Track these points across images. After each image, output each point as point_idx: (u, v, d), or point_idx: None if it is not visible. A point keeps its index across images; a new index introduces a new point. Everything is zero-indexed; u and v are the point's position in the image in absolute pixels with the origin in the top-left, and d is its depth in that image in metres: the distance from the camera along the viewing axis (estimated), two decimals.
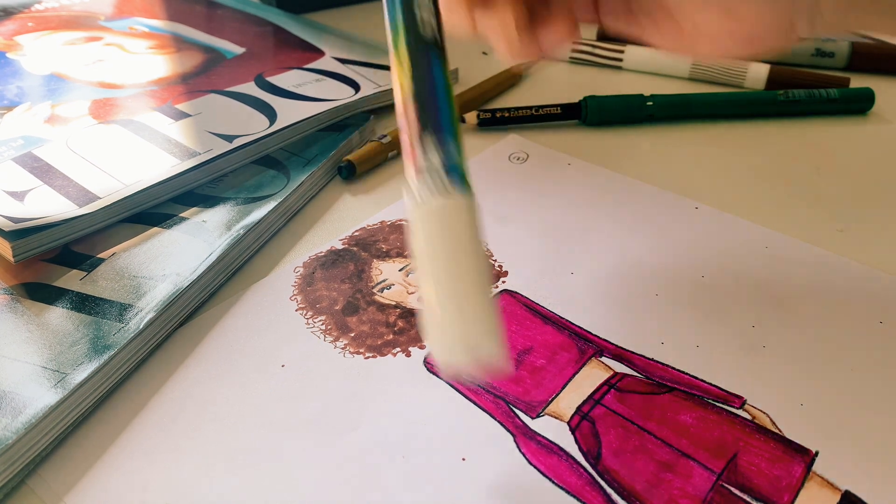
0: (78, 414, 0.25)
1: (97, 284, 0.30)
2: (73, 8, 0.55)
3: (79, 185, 0.33)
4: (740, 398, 0.26)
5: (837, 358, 0.28)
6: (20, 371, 0.26)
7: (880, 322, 0.29)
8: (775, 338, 0.29)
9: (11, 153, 0.35)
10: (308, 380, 0.27)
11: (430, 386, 0.27)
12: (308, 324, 0.30)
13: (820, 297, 0.31)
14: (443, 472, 0.24)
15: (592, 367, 0.28)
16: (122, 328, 0.27)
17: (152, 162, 0.35)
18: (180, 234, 0.33)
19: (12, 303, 0.29)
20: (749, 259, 0.33)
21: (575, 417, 0.26)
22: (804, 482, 0.23)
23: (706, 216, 0.36)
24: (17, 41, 0.49)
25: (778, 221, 0.35)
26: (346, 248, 0.34)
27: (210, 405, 0.26)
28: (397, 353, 0.28)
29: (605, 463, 0.24)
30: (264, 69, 0.45)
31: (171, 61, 0.47)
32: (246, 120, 0.39)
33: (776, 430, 0.25)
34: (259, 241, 0.34)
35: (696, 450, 0.24)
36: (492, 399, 0.26)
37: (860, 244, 0.34)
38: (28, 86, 0.43)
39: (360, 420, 0.26)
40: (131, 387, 0.27)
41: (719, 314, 0.30)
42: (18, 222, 0.30)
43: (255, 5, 0.57)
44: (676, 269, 0.32)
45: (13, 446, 0.23)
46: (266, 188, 0.36)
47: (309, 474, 0.24)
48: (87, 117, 0.39)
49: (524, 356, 0.28)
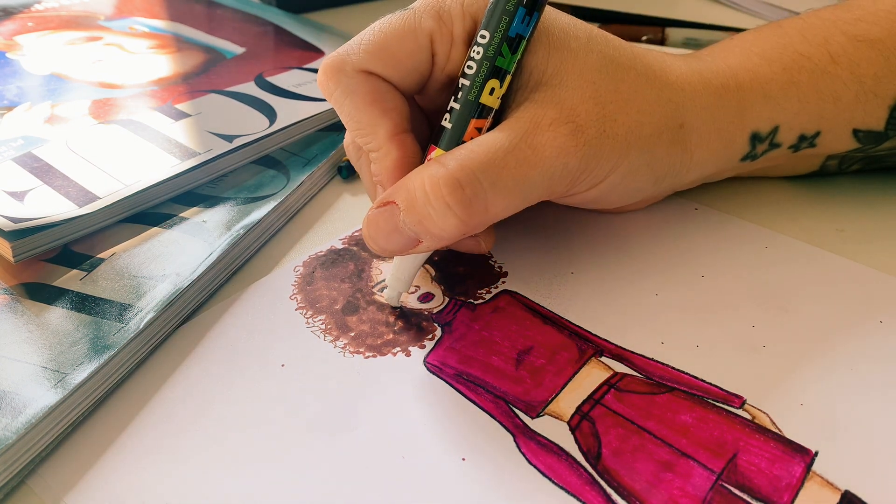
0: (78, 414, 0.25)
1: (97, 284, 0.30)
2: (73, 8, 0.55)
3: (79, 185, 0.33)
4: (740, 398, 0.26)
5: (837, 358, 0.28)
6: (20, 371, 0.26)
7: (880, 322, 0.29)
8: (775, 338, 0.29)
9: (11, 153, 0.35)
10: (308, 379, 0.27)
11: (430, 386, 0.27)
12: (308, 323, 0.30)
13: (820, 297, 0.31)
14: (443, 472, 0.24)
15: (592, 366, 0.28)
16: (122, 328, 0.27)
17: (152, 162, 0.35)
18: (180, 234, 0.33)
19: (12, 303, 0.29)
20: (749, 259, 0.33)
21: (575, 417, 0.26)
22: (804, 482, 0.23)
23: (706, 216, 0.36)
24: (17, 41, 0.49)
25: (778, 221, 0.35)
26: (346, 248, 0.34)
27: (210, 405, 0.26)
28: (397, 352, 0.28)
29: (604, 463, 0.24)
30: (264, 69, 0.45)
31: (171, 61, 0.47)
32: (246, 120, 0.39)
33: (776, 429, 0.25)
34: (259, 241, 0.34)
35: (696, 449, 0.24)
36: (492, 399, 0.26)
37: (860, 244, 0.34)
38: (28, 86, 0.43)
39: (360, 420, 0.26)
40: (131, 387, 0.27)
41: (719, 314, 0.30)
42: (18, 222, 0.30)
43: (255, 5, 0.57)
44: (676, 269, 0.32)
45: (13, 446, 0.23)
46: (266, 188, 0.36)
47: (309, 474, 0.24)
48: (87, 117, 0.39)
49: (524, 356, 0.28)
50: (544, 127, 0.27)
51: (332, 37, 0.52)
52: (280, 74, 0.45)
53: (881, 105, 0.33)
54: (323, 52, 0.49)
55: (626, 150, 0.29)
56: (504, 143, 0.26)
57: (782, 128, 0.33)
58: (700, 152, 0.32)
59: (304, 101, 0.42)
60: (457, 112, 0.27)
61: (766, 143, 0.33)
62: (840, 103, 0.33)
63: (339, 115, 0.29)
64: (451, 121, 0.27)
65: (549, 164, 0.27)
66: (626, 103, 0.28)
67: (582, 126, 0.27)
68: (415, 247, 0.27)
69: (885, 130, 0.33)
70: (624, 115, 0.28)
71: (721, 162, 0.33)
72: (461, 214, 0.26)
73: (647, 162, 0.30)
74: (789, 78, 0.32)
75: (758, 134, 0.32)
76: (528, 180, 0.26)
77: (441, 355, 0.28)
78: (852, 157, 0.36)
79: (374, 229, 0.27)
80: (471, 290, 0.31)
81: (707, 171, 0.33)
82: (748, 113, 0.32)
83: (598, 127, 0.28)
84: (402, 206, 0.26)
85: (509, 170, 0.26)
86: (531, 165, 0.26)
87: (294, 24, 0.54)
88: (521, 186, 0.26)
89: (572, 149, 0.27)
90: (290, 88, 0.43)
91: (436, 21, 0.28)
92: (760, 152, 0.33)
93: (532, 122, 0.27)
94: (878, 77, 0.32)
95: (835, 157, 0.36)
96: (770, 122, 0.32)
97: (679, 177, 0.32)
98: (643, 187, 0.31)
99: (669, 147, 0.30)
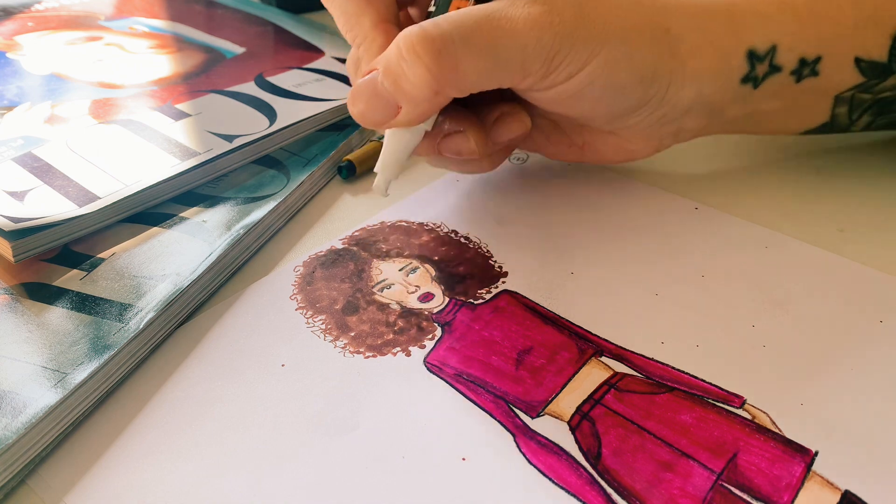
0: (78, 414, 0.25)
1: (97, 284, 0.30)
2: (73, 8, 0.55)
3: (79, 185, 0.33)
4: (740, 398, 0.26)
5: (837, 358, 0.28)
6: (20, 371, 0.26)
7: (880, 322, 0.29)
8: (775, 338, 0.29)
9: (11, 153, 0.35)
10: (308, 379, 0.27)
11: (430, 386, 0.27)
12: (308, 323, 0.30)
13: (820, 297, 0.31)
14: (443, 472, 0.24)
15: (592, 366, 0.28)
16: (122, 328, 0.27)
17: (152, 162, 0.35)
18: (180, 234, 0.33)
19: (12, 303, 0.29)
20: (749, 259, 0.33)
21: (575, 417, 0.26)
22: (804, 482, 0.23)
23: (706, 216, 0.36)
24: (17, 41, 0.49)
25: (778, 221, 0.35)
26: (346, 248, 0.34)
27: (210, 405, 0.26)
28: (397, 352, 0.28)
29: (604, 462, 0.24)
30: (264, 69, 0.45)
31: (171, 61, 0.47)
32: (246, 120, 0.39)
33: (776, 429, 0.25)
34: (259, 241, 0.34)
35: (696, 449, 0.24)
36: (492, 399, 0.26)
37: (860, 244, 0.34)
38: (28, 86, 0.43)
39: (360, 420, 0.26)
40: (131, 387, 0.27)
41: (719, 314, 0.30)
42: (18, 222, 0.30)
43: (255, 5, 0.57)
44: (676, 269, 0.32)
45: (13, 446, 0.23)
46: (266, 188, 0.36)
47: (309, 474, 0.24)
48: (87, 117, 0.39)
49: (524, 356, 0.28)
50: (520, 2, 0.28)
51: (332, 37, 0.52)
52: (280, 74, 0.45)
53: (882, 33, 0.33)
54: (323, 53, 0.49)
55: (604, 36, 0.29)
56: (479, 11, 0.28)
57: (780, 47, 0.32)
58: (693, 62, 0.31)
59: (304, 101, 0.42)
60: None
61: (766, 64, 0.33)
62: (839, 27, 0.32)
63: (330, 12, 0.31)
64: (436, 3, 0.30)
65: (522, 35, 0.28)
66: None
67: (558, 8, 0.28)
68: (395, 115, 0.29)
69: (888, 62, 0.33)
70: (604, 7, 0.29)
71: (719, 79, 0.32)
72: (431, 66, 0.27)
73: (627, 54, 0.30)
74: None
75: (754, 51, 0.32)
76: (499, 45, 0.28)
77: (441, 355, 0.28)
78: (861, 100, 0.35)
79: (357, 96, 0.29)
80: (471, 290, 0.31)
81: (705, 88, 0.32)
82: (742, 28, 0.32)
83: (574, 11, 0.29)
84: (380, 69, 0.28)
85: (481, 31, 0.27)
86: (503, 32, 0.28)
87: (294, 24, 0.54)
88: (492, 50, 0.28)
89: (546, 24, 0.28)
90: (290, 88, 0.43)
91: None
92: (761, 75, 0.33)
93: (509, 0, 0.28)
94: (877, 4, 0.32)
95: (843, 99, 0.35)
96: (767, 39, 0.32)
97: (672, 88, 0.32)
98: (626, 85, 0.31)
99: (652, 46, 0.30)
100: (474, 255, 0.33)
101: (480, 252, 0.34)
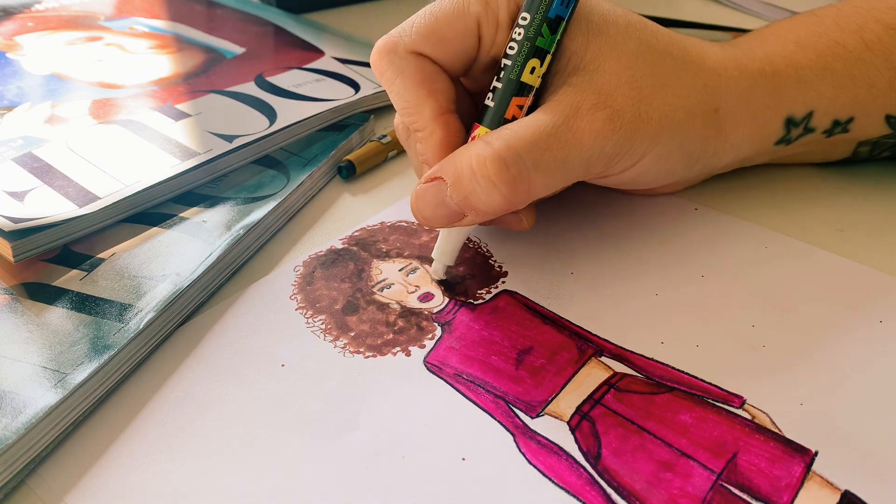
0: (78, 414, 0.25)
1: (97, 284, 0.30)
2: (73, 8, 0.55)
3: (79, 185, 0.33)
4: (740, 398, 0.26)
5: (837, 358, 0.28)
6: (20, 371, 0.26)
7: (880, 322, 0.29)
8: (775, 338, 0.29)
9: (11, 153, 0.35)
10: (308, 379, 0.27)
11: (430, 386, 0.27)
12: (308, 323, 0.30)
13: (820, 297, 0.31)
14: (443, 472, 0.24)
15: (592, 366, 0.28)
16: (122, 328, 0.27)
17: (152, 162, 0.35)
18: (180, 234, 0.33)
19: (12, 303, 0.29)
20: (749, 259, 0.33)
21: (575, 417, 0.26)
22: (804, 482, 0.23)
23: (706, 216, 0.36)
24: (17, 41, 0.49)
25: (778, 221, 0.35)
26: (346, 248, 0.34)
27: (210, 405, 0.26)
28: (397, 352, 0.28)
29: (604, 462, 0.24)
30: (264, 69, 0.45)
31: (171, 61, 0.47)
32: (246, 120, 0.39)
33: (776, 429, 0.25)
34: (259, 241, 0.34)
35: (696, 449, 0.24)
36: (492, 399, 0.26)
37: (860, 244, 0.34)
38: (28, 86, 0.43)
39: (360, 419, 0.26)
40: (131, 387, 0.27)
41: (719, 314, 0.30)
42: (18, 222, 0.30)
43: (255, 5, 0.57)
44: (676, 269, 0.32)
45: (13, 446, 0.23)
46: (266, 188, 0.36)
47: (309, 474, 0.24)
48: (87, 117, 0.39)
49: (524, 356, 0.28)
50: (584, 112, 0.28)
51: (332, 37, 0.52)
52: (280, 74, 0.45)
53: None
54: (323, 53, 0.49)
55: (660, 132, 0.30)
56: (547, 126, 0.28)
57: (817, 113, 0.33)
58: (734, 136, 0.32)
59: (304, 101, 0.42)
60: (499, 91, 0.29)
61: (801, 128, 0.34)
62: (874, 90, 0.33)
63: (388, 94, 0.31)
64: (494, 99, 0.29)
65: (587, 147, 0.28)
66: (661, 87, 0.30)
67: (618, 111, 0.29)
68: (459, 220, 0.29)
69: None
70: (659, 100, 0.30)
71: (756, 145, 0.34)
72: (505, 192, 0.27)
73: (680, 144, 0.31)
74: (824, 64, 0.33)
75: (792, 118, 0.33)
76: (568, 161, 0.28)
77: (441, 355, 0.28)
78: (884, 143, 0.36)
79: (422, 202, 0.29)
80: (471, 290, 0.31)
81: (741, 155, 0.34)
82: (783, 98, 0.33)
83: (633, 111, 0.29)
84: (449, 182, 0.28)
85: (551, 151, 0.28)
86: (571, 148, 0.28)
87: (294, 24, 0.54)
88: (561, 167, 0.28)
89: (609, 133, 0.28)
90: (290, 88, 0.43)
91: (483, 6, 0.29)
92: (795, 137, 0.34)
93: (572, 107, 0.28)
94: None
95: (867, 143, 0.36)
96: (805, 107, 0.33)
97: (713, 159, 0.33)
98: (676, 169, 0.32)
99: (703, 130, 0.31)
100: (474, 255, 0.33)
101: (480, 252, 0.34)
